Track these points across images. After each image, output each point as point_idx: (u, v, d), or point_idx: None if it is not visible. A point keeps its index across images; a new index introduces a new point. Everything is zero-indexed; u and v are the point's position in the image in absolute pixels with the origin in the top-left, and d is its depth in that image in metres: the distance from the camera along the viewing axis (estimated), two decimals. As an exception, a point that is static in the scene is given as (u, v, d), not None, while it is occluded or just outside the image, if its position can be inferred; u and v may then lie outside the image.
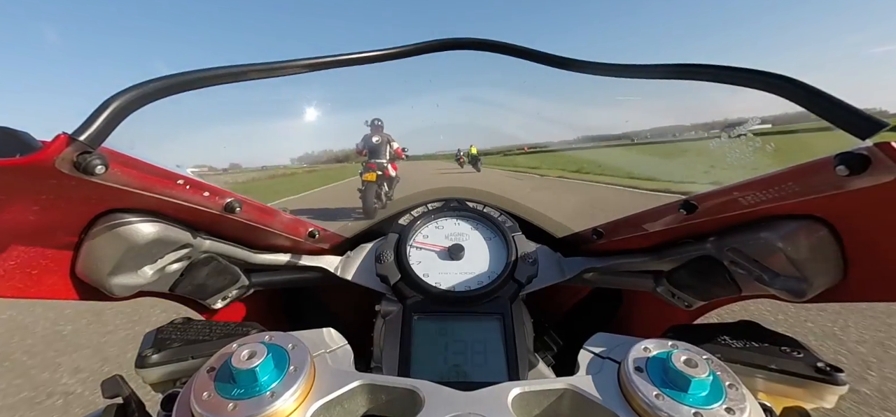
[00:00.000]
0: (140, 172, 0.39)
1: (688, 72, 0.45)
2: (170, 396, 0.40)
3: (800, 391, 0.42)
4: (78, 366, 2.38)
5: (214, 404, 0.31)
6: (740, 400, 0.32)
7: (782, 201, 0.39)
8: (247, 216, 0.53)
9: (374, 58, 0.53)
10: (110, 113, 0.33)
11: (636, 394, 0.32)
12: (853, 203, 0.36)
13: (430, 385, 0.35)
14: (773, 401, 0.42)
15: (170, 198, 0.43)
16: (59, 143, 0.31)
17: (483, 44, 0.58)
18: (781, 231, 0.43)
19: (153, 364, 0.46)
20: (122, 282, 0.47)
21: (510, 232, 0.67)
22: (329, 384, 0.35)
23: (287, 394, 0.32)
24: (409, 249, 0.66)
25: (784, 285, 0.46)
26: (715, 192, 0.46)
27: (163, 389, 0.47)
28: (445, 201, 0.75)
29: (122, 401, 0.42)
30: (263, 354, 0.33)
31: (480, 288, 0.60)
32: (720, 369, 0.35)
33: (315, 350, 0.38)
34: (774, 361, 0.44)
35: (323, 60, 0.48)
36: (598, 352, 0.40)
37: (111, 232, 0.43)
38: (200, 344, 0.48)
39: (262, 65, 0.44)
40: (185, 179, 0.43)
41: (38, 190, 0.35)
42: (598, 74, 0.53)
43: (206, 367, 0.34)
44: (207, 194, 0.47)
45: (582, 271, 0.68)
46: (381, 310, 0.64)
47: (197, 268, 0.57)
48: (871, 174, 0.30)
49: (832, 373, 0.41)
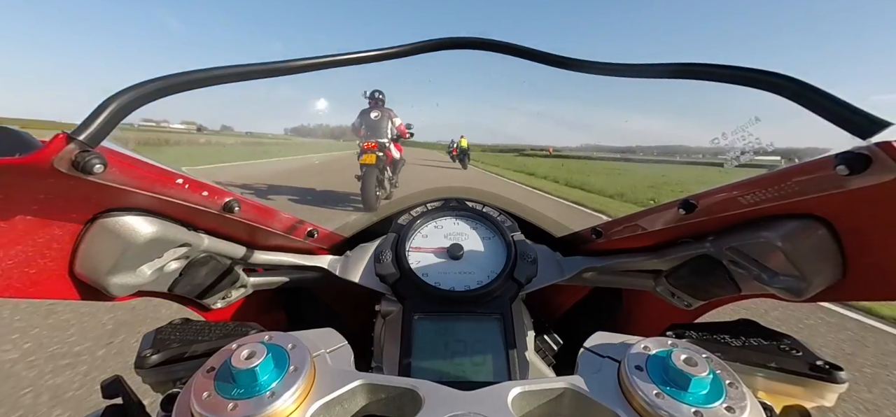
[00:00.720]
0: (139, 171, 0.38)
1: (688, 71, 0.45)
2: (169, 396, 0.41)
3: (799, 389, 0.43)
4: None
5: (214, 404, 0.31)
6: (740, 399, 0.32)
7: (782, 200, 0.39)
8: (245, 215, 0.53)
9: (375, 57, 0.53)
10: (109, 112, 0.33)
11: (636, 393, 0.32)
12: (853, 202, 0.36)
13: (429, 385, 0.35)
14: (772, 400, 0.42)
15: (168, 197, 0.43)
16: (57, 143, 0.31)
17: (483, 43, 0.58)
18: (781, 230, 0.43)
19: (152, 365, 0.46)
20: (120, 282, 0.47)
21: (509, 232, 0.68)
22: (329, 384, 0.35)
23: (287, 394, 0.32)
24: (408, 249, 0.66)
25: (783, 284, 0.46)
26: (714, 191, 0.46)
27: (162, 390, 0.47)
28: (445, 201, 0.75)
29: (121, 402, 0.42)
30: (263, 354, 0.33)
31: (480, 288, 0.60)
32: (720, 368, 0.35)
33: (315, 350, 0.38)
34: (774, 359, 0.44)
35: (323, 60, 0.48)
36: (597, 351, 0.40)
37: (110, 232, 0.43)
38: (199, 344, 0.48)
39: (262, 65, 0.44)
40: (184, 178, 0.43)
41: (37, 189, 0.35)
42: (599, 74, 0.53)
43: (206, 367, 0.34)
44: (206, 193, 0.47)
45: (581, 270, 0.68)
46: (381, 310, 0.64)
47: (196, 268, 0.56)
48: (872, 173, 0.30)
49: (832, 372, 0.41)
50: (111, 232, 0.43)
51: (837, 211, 0.39)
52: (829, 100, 0.33)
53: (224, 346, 0.36)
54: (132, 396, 0.42)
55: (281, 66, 0.45)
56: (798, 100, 0.35)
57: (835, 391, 0.41)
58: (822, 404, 0.42)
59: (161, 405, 0.40)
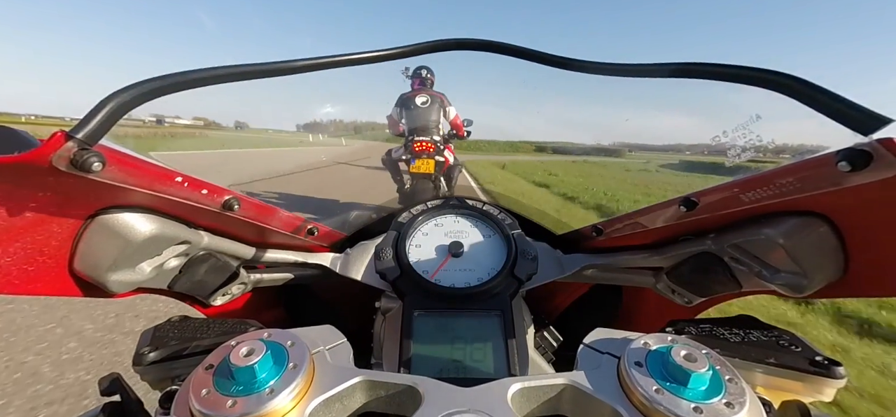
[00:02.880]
0: (137, 169, 0.38)
1: (690, 71, 0.44)
2: (168, 394, 0.41)
3: (798, 385, 0.43)
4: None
5: (213, 401, 0.31)
6: (740, 395, 0.32)
7: (783, 197, 0.39)
8: (245, 213, 0.53)
9: (376, 58, 0.53)
10: (108, 111, 0.33)
11: (636, 389, 0.32)
12: (854, 199, 0.35)
13: (429, 382, 0.35)
14: (771, 395, 0.43)
15: (167, 195, 0.43)
16: (56, 141, 0.31)
17: (484, 44, 0.58)
18: (782, 227, 0.42)
19: (151, 362, 0.46)
20: (119, 279, 0.47)
21: (510, 230, 0.67)
22: (328, 380, 0.35)
23: (286, 391, 0.32)
24: (409, 246, 0.66)
25: (784, 281, 0.46)
26: (715, 189, 0.46)
27: (161, 387, 0.47)
28: (445, 199, 0.75)
29: (119, 400, 0.42)
30: (262, 351, 0.33)
31: (480, 285, 0.60)
32: (719, 363, 0.34)
33: (314, 347, 0.38)
34: (773, 355, 0.44)
35: (323, 60, 0.48)
36: (597, 347, 0.39)
37: (109, 230, 0.43)
38: (198, 341, 0.48)
39: (262, 65, 0.44)
40: (184, 177, 0.43)
41: (36, 187, 0.35)
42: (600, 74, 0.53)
43: (205, 364, 0.34)
44: (206, 192, 0.47)
45: (582, 268, 0.68)
46: (381, 307, 0.64)
47: (196, 265, 0.56)
48: (873, 170, 0.30)
49: (830, 367, 0.41)
50: (110, 230, 0.43)
51: (839, 208, 0.39)
52: (831, 98, 0.33)
53: (223, 343, 0.36)
54: (130, 393, 0.42)
55: (281, 66, 0.45)
56: (800, 98, 0.35)
57: (833, 386, 0.41)
58: (821, 399, 0.42)
59: (159, 402, 0.40)
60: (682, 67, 0.45)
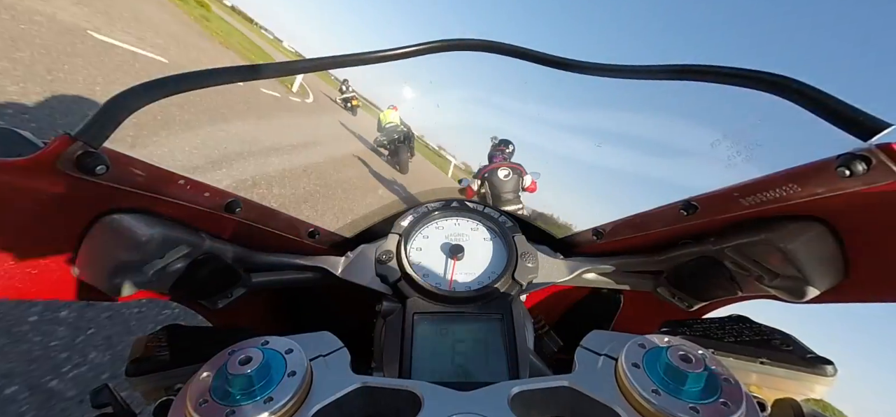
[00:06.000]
0: (141, 172, 0.39)
1: (689, 73, 0.44)
2: (163, 404, 0.40)
3: (791, 383, 0.43)
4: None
5: (209, 411, 0.31)
6: (736, 395, 0.32)
7: (783, 202, 0.39)
8: (247, 216, 0.53)
9: (376, 58, 0.53)
10: (113, 113, 0.33)
11: (633, 390, 0.32)
12: (854, 204, 0.35)
13: (428, 387, 0.35)
14: (764, 393, 0.43)
15: (170, 198, 0.43)
16: (60, 143, 0.31)
17: (484, 45, 0.58)
18: (782, 232, 0.42)
19: (145, 372, 0.46)
20: (122, 282, 0.47)
21: (510, 233, 0.67)
22: (326, 387, 0.35)
23: (284, 399, 0.31)
24: (409, 249, 0.66)
25: (784, 286, 0.45)
26: (716, 193, 0.46)
27: (155, 398, 0.46)
28: (446, 201, 0.75)
29: (111, 411, 0.41)
30: (259, 359, 0.33)
31: (481, 288, 0.60)
32: (715, 364, 0.34)
33: (312, 354, 0.38)
34: (766, 354, 0.44)
35: (324, 61, 0.49)
36: (594, 349, 0.39)
37: (112, 232, 0.43)
38: (193, 350, 0.48)
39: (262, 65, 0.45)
40: (186, 179, 0.43)
41: (40, 189, 0.35)
42: (599, 75, 0.53)
43: (202, 373, 0.34)
44: (208, 194, 0.47)
45: (582, 271, 0.68)
46: (382, 310, 0.64)
47: (197, 269, 0.56)
48: (873, 175, 0.30)
49: (821, 365, 0.42)
50: (113, 233, 0.43)
51: (839, 213, 0.39)
52: (830, 102, 0.33)
53: (219, 352, 0.36)
54: (122, 404, 0.42)
55: (283, 66, 0.45)
56: (799, 102, 0.35)
57: (824, 384, 0.42)
58: (812, 396, 0.43)
59: (154, 413, 0.39)
60: (681, 69, 0.45)
